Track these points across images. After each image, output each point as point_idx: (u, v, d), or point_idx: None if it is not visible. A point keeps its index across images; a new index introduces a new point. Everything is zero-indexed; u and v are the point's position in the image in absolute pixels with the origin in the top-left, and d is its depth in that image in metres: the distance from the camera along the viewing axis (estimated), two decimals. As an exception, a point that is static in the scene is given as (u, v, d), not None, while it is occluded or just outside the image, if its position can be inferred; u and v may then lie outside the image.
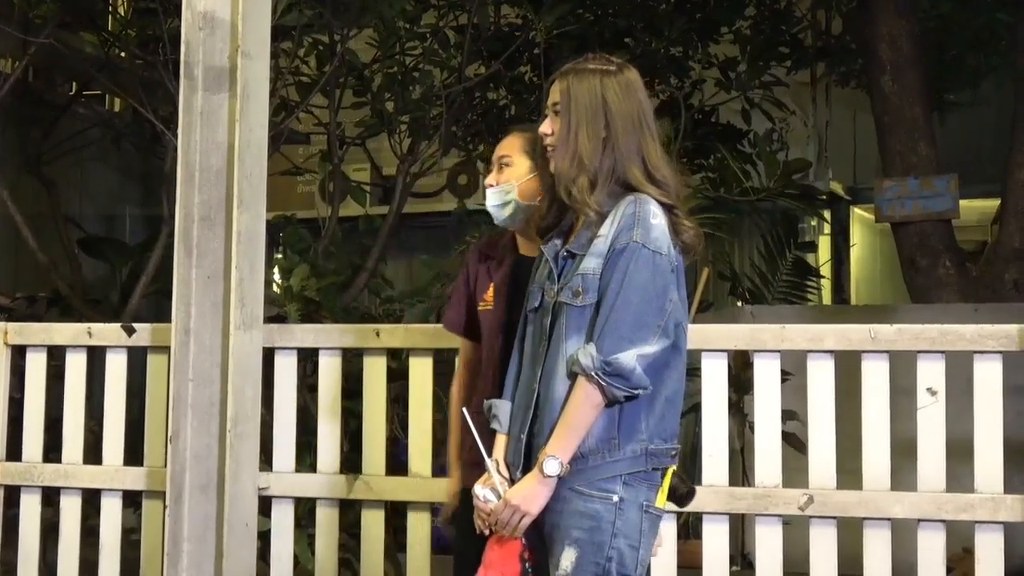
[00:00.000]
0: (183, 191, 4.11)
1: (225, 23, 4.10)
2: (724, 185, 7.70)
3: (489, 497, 2.85)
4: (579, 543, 2.77)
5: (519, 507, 2.78)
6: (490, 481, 2.87)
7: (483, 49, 8.11)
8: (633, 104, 2.90)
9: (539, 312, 2.91)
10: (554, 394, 2.80)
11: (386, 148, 7.92)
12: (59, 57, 7.57)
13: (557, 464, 2.74)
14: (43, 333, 4.75)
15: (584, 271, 2.81)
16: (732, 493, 4.07)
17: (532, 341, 2.91)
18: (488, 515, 2.85)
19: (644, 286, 2.77)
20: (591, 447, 2.78)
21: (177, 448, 4.08)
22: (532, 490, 2.77)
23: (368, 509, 4.40)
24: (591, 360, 2.72)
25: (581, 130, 2.86)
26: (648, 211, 2.82)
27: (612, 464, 2.78)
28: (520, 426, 2.88)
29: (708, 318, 7.81)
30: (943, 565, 3.90)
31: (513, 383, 2.96)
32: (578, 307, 2.80)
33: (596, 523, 2.77)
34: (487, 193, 3.33)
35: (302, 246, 6.83)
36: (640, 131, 2.89)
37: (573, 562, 2.77)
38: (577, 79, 2.91)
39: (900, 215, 7.99)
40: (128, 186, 10.15)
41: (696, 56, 8.86)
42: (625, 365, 2.72)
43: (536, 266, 3.01)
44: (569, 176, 2.86)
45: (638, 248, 2.77)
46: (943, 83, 9.96)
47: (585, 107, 2.87)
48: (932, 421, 3.92)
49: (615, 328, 2.74)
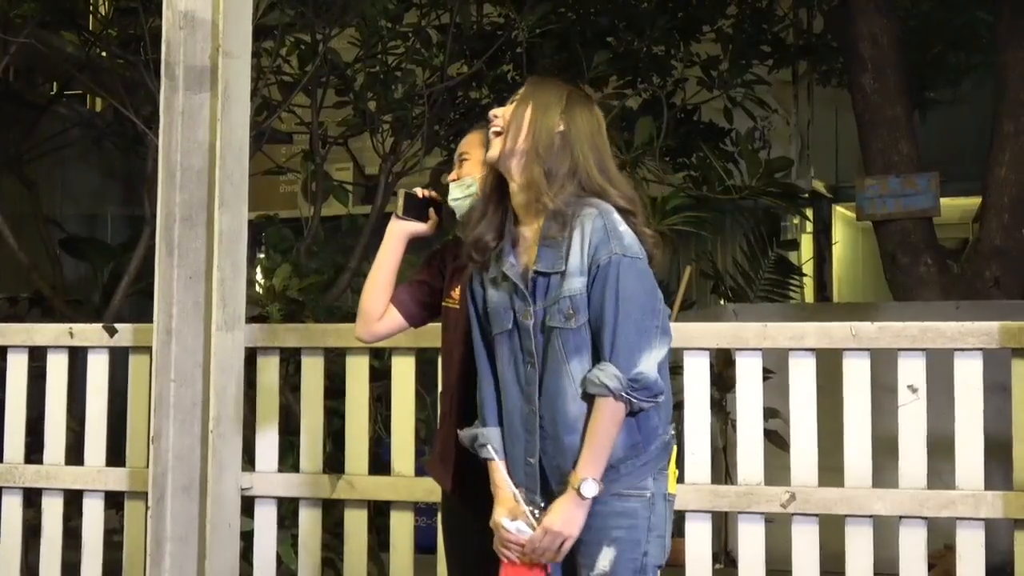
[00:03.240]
0: (164, 191, 4.10)
1: (206, 22, 4.09)
2: (706, 184, 7.71)
3: (523, 528, 2.81)
4: (618, 542, 2.79)
5: (561, 532, 2.77)
6: (518, 511, 2.84)
7: (465, 48, 8.10)
8: (593, 124, 2.91)
9: (513, 334, 2.88)
10: (566, 416, 2.80)
11: (369, 147, 7.91)
12: (40, 57, 7.55)
13: (595, 486, 2.75)
14: (24, 334, 4.74)
15: (570, 293, 2.79)
16: (715, 491, 4.08)
17: (512, 364, 2.89)
18: (522, 545, 2.81)
19: (636, 295, 2.78)
20: (619, 456, 2.80)
21: (159, 448, 4.07)
22: (571, 514, 2.77)
23: (351, 509, 4.39)
24: (617, 381, 2.72)
25: (539, 122, 2.86)
26: (615, 220, 2.81)
27: (642, 467, 2.82)
28: (527, 451, 2.87)
29: (691, 316, 7.84)
30: (925, 562, 3.92)
31: (495, 407, 2.95)
32: (572, 330, 2.80)
33: (634, 521, 2.80)
34: (449, 188, 3.29)
35: (285, 246, 6.82)
36: (600, 146, 2.90)
37: (612, 560, 2.78)
38: (545, 82, 2.96)
39: (881, 213, 8.03)
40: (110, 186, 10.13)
41: (678, 55, 8.87)
42: (649, 377, 2.75)
43: (478, 282, 2.97)
44: (521, 159, 2.86)
45: (620, 259, 2.77)
46: (924, 81, 10.01)
47: (544, 99, 2.89)
48: (913, 418, 3.94)
49: (625, 343, 2.75)
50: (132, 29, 7.01)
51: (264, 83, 7.00)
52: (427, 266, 3.45)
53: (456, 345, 3.24)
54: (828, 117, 12.08)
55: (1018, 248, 7.71)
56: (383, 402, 5.23)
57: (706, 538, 4.07)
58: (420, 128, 7.40)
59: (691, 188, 7.79)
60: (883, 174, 8.01)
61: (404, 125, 7.46)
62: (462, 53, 8.10)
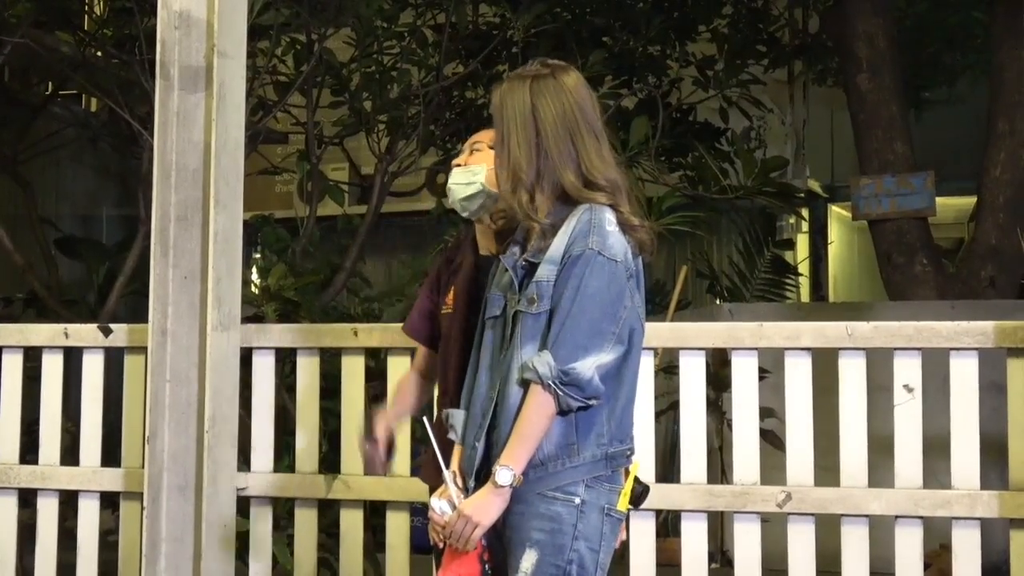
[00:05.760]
0: (159, 191, 4.10)
1: (201, 22, 4.09)
2: (702, 183, 7.72)
3: (445, 509, 2.80)
4: (540, 545, 2.74)
5: (471, 518, 2.73)
6: (446, 493, 2.82)
7: (461, 48, 8.11)
8: (565, 105, 2.83)
9: (499, 320, 2.88)
10: (509, 402, 2.77)
11: (364, 147, 7.91)
12: (34, 56, 7.52)
13: (510, 474, 2.70)
14: (19, 334, 4.73)
15: (539, 278, 2.77)
16: (711, 491, 4.08)
17: (491, 349, 2.88)
18: (443, 527, 2.80)
19: (600, 293, 2.73)
20: (550, 453, 2.75)
21: (155, 449, 4.07)
22: (485, 501, 2.73)
23: (347, 509, 4.39)
24: (548, 368, 2.68)
25: (512, 140, 2.83)
26: (604, 219, 2.77)
27: (573, 469, 2.75)
28: (475, 434, 2.84)
29: (686, 316, 7.84)
30: (920, 561, 3.92)
31: (469, 391, 2.93)
32: (533, 314, 2.76)
33: (557, 525, 2.74)
34: (453, 171, 3.25)
35: (280, 246, 6.82)
36: (575, 133, 2.83)
37: (534, 564, 2.73)
38: (508, 89, 2.88)
39: (877, 213, 8.03)
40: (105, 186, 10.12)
41: (674, 55, 8.88)
42: (582, 375, 2.68)
43: (493, 272, 2.98)
44: (508, 191, 2.83)
45: (594, 255, 2.73)
46: (919, 81, 10.03)
47: (513, 117, 2.83)
48: (909, 418, 3.94)
49: (571, 336, 2.70)
50: (127, 29, 7.00)
51: (259, 83, 7.00)
52: (429, 289, 3.46)
53: (453, 352, 3.23)
54: (824, 117, 12.09)
55: (1013, 248, 7.71)
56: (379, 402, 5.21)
57: (702, 538, 4.07)
58: (416, 128, 7.39)
59: (687, 188, 7.80)
60: (878, 174, 8.02)
61: (400, 125, 7.46)
62: (457, 53, 8.11)
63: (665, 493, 4.05)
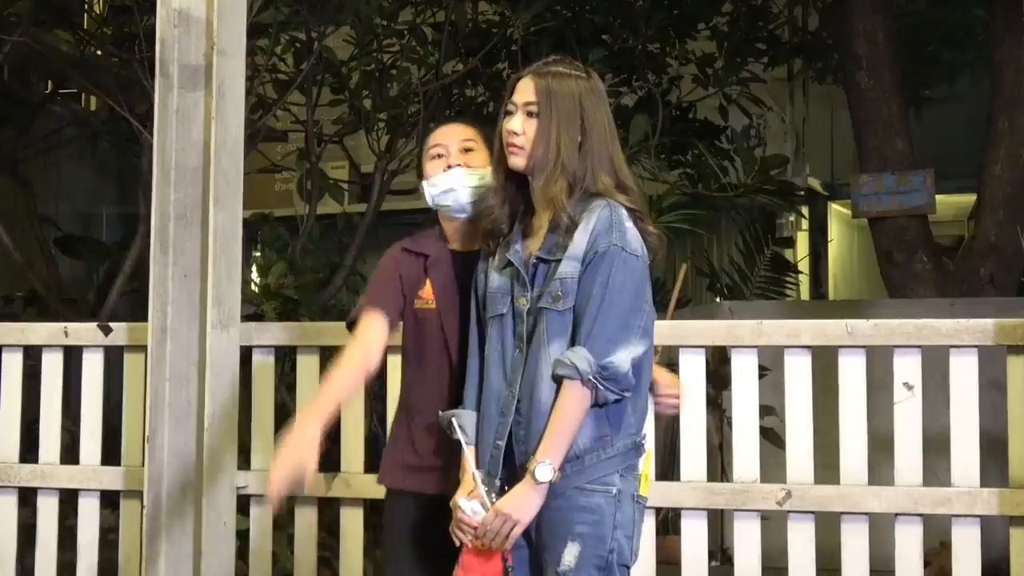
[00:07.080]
0: (159, 189, 4.10)
1: (200, 20, 4.09)
2: (702, 181, 7.72)
3: (477, 509, 2.79)
4: (583, 537, 2.77)
5: (511, 516, 2.75)
6: (476, 493, 2.81)
7: (460, 46, 8.09)
8: (604, 112, 2.91)
9: (507, 318, 2.89)
10: (540, 399, 2.79)
11: (364, 145, 7.91)
12: (34, 55, 7.53)
13: (550, 470, 2.72)
14: (19, 333, 4.73)
15: (562, 276, 2.81)
16: (710, 489, 4.07)
17: (501, 347, 2.89)
18: (474, 528, 2.79)
19: (626, 288, 2.78)
20: (585, 447, 2.78)
21: (155, 447, 4.07)
22: (525, 498, 2.75)
23: (347, 507, 4.39)
24: (588, 364, 2.72)
25: (562, 133, 2.85)
26: (622, 215, 2.83)
27: (608, 461, 2.80)
28: (496, 433, 2.85)
29: (686, 314, 7.83)
30: (920, 559, 3.92)
31: (475, 392, 2.94)
32: (558, 311, 2.80)
33: (599, 517, 2.78)
34: (455, 172, 3.15)
35: (280, 244, 6.82)
36: (611, 139, 2.91)
37: (577, 556, 2.76)
38: (556, 82, 2.88)
39: (877, 210, 8.02)
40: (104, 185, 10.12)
41: (673, 52, 8.87)
42: (620, 368, 2.74)
43: (484, 269, 2.97)
44: (550, 175, 2.84)
45: (618, 251, 2.78)
46: (919, 79, 10.02)
47: (565, 111, 2.86)
48: (909, 415, 3.94)
49: (603, 331, 2.75)
50: (127, 27, 6.99)
51: (259, 81, 7.00)
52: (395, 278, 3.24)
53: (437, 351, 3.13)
54: (823, 114, 12.08)
55: (1013, 245, 7.71)
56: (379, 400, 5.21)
57: (702, 536, 4.07)
58: (416, 126, 7.39)
59: (687, 186, 7.80)
60: (878, 171, 8.01)
61: (399, 123, 7.46)
62: (457, 51, 8.10)
63: (665, 491, 4.05)
